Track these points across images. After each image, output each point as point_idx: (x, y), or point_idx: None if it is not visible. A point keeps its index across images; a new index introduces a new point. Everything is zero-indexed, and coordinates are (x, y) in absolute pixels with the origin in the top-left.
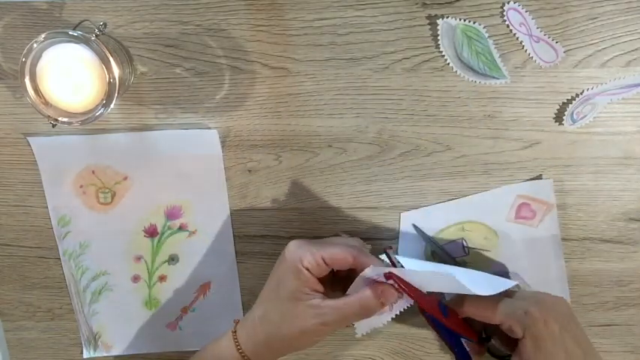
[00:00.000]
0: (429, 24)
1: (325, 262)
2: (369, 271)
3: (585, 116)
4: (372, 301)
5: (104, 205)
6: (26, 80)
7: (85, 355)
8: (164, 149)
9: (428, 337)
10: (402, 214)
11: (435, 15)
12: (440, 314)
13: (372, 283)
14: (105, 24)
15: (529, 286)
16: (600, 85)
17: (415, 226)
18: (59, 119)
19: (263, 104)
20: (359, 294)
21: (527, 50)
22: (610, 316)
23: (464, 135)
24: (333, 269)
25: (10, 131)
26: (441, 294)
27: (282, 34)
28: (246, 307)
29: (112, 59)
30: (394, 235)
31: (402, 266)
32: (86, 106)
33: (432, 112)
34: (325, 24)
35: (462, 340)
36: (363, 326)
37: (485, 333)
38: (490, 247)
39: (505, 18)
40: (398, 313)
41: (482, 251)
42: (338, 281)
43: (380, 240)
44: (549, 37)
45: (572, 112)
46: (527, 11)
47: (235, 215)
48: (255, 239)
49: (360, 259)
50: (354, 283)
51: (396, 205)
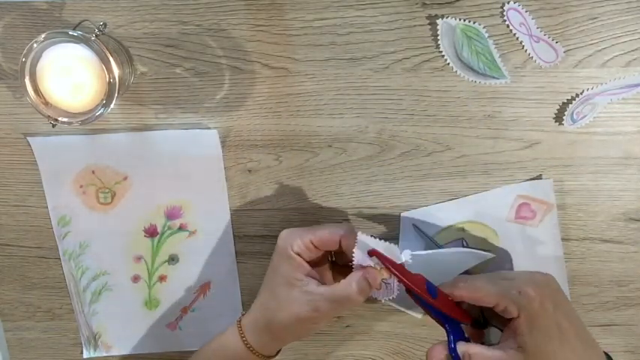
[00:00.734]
0: (429, 24)
1: (314, 245)
2: (358, 256)
3: (585, 116)
4: (361, 284)
5: (104, 205)
6: (26, 80)
7: (85, 355)
8: (164, 149)
9: (428, 337)
10: (402, 214)
11: (435, 15)
12: (428, 295)
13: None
14: (105, 24)
15: None
16: (600, 85)
17: (415, 227)
18: (59, 119)
19: (263, 104)
20: (347, 279)
21: (527, 50)
22: (610, 316)
23: (464, 135)
24: (330, 257)
25: (10, 131)
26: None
27: (282, 34)
28: (246, 307)
29: (112, 59)
30: (394, 235)
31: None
32: (86, 106)
33: (432, 112)
34: (325, 24)
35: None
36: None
37: (483, 318)
38: (490, 247)
39: (505, 18)
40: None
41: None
42: (340, 272)
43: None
44: (549, 37)
45: (572, 112)
46: (527, 11)
47: (235, 215)
48: (255, 239)
49: (348, 239)
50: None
51: (396, 205)
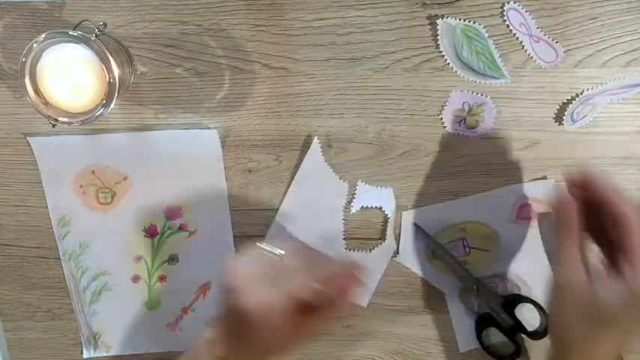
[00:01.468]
0: (429, 24)
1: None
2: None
3: (585, 116)
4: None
5: (104, 205)
6: (26, 80)
7: (85, 355)
8: (164, 149)
9: (428, 337)
10: (403, 212)
11: (435, 15)
12: None
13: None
14: (105, 24)
15: (530, 288)
16: (600, 85)
17: (416, 225)
18: (59, 119)
19: (263, 104)
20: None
21: (527, 50)
22: None
23: (464, 135)
24: None
25: (10, 131)
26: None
27: (282, 34)
28: None
29: (112, 59)
30: (395, 236)
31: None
32: (86, 106)
33: (432, 112)
34: (325, 24)
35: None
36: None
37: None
38: (491, 247)
39: (505, 18)
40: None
41: (483, 251)
42: None
43: (380, 240)
44: (549, 37)
45: (572, 112)
46: (527, 11)
47: (235, 215)
48: (255, 239)
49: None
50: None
51: (396, 205)
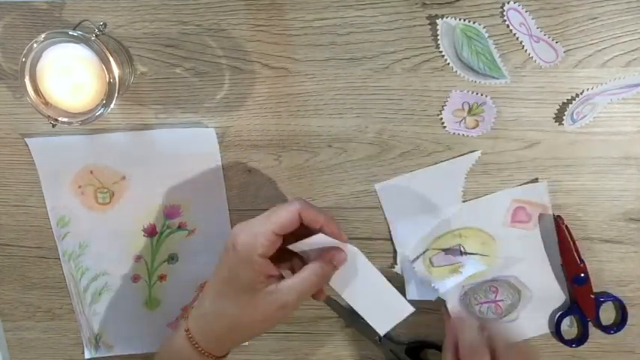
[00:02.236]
0: (429, 24)
1: (276, 234)
2: (304, 246)
3: (585, 116)
4: (325, 269)
5: (103, 205)
6: (26, 80)
7: (87, 356)
8: (161, 148)
9: (428, 337)
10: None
11: (435, 15)
12: None
13: (318, 250)
14: (105, 24)
15: (530, 290)
16: (600, 85)
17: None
18: (59, 119)
19: (263, 104)
20: (310, 268)
21: (527, 50)
22: None
23: (464, 135)
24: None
25: (10, 131)
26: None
27: (282, 34)
28: None
29: (112, 59)
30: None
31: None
32: (86, 106)
33: (432, 112)
34: (325, 24)
35: None
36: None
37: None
38: (488, 252)
39: (505, 18)
40: None
41: (480, 256)
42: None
43: (380, 240)
44: (549, 37)
45: (572, 112)
46: (527, 11)
47: (235, 215)
48: None
49: (306, 211)
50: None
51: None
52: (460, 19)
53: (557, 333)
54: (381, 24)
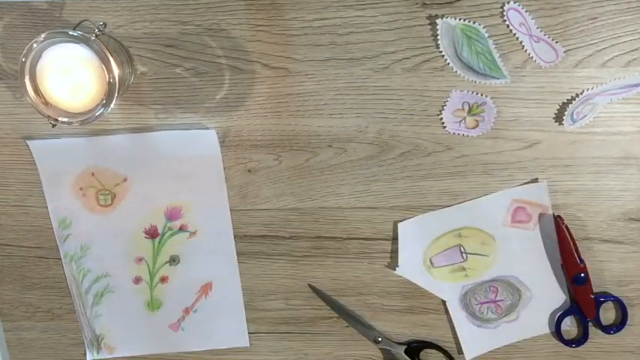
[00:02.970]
0: (429, 24)
1: None
2: None
3: (585, 116)
4: None
5: (104, 207)
6: (26, 80)
7: (89, 358)
8: (163, 150)
9: (428, 337)
10: (399, 224)
11: (435, 15)
12: None
13: None
14: (105, 24)
15: (530, 290)
16: (600, 85)
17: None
18: (59, 119)
19: (263, 104)
20: None
21: (527, 50)
22: None
23: (464, 135)
24: None
25: (10, 131)
26: None
27: (282, 34)
28: (248, 306)
29: (112, 59)
30: (394, 236)
31: None
32: (86, 106)
33: (432, 112)
34: (325, 24)
35: None
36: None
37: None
38: (488, 252)
39: (505, 18)
40: None
41: (480, 256)
42: None
43: (380, 240)
44: (549, 37)
45: (572, 112)
46: (527, 11)
47: (235, 215)
48: (256, 239)
49: None
50: None
51: (396, 205)
52: (460, 19)
53: (557, 333)
54: (381, 24)
